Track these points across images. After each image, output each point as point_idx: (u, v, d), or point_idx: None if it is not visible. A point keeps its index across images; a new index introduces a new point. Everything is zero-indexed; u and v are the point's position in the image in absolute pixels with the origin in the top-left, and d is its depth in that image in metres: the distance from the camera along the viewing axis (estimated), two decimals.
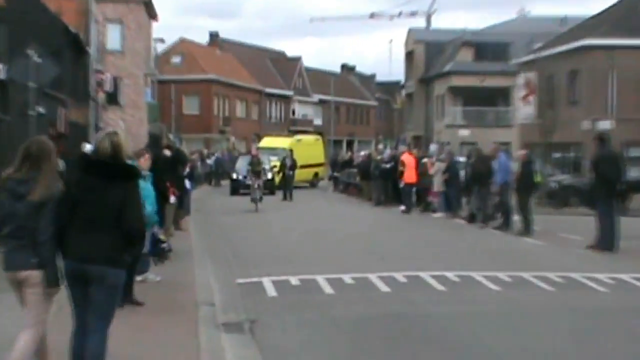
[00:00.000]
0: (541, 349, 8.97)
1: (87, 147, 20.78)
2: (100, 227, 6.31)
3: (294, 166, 38.43)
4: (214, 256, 16.45)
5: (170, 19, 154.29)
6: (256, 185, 29.46)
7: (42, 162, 6.54)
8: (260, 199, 29.32)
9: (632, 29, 38.45)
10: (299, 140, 49.69)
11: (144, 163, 11.33)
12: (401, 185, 29.14)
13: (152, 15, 56.53)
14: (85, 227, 6.33)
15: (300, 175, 41.76)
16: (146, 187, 10.47)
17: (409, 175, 28.65)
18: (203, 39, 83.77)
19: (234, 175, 42.15)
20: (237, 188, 40.32)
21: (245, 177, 39.19)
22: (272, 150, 45.03)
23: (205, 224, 22.83)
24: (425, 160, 28.87)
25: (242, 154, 52.03)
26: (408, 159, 29.38)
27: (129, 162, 6.83)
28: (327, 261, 15.84)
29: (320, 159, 51.65)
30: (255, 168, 30.29)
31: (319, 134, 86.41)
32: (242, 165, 41.26)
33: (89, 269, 6.32)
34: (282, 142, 49.03)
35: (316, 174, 50.21)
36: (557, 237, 20.39)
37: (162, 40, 61.50)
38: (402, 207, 28.54)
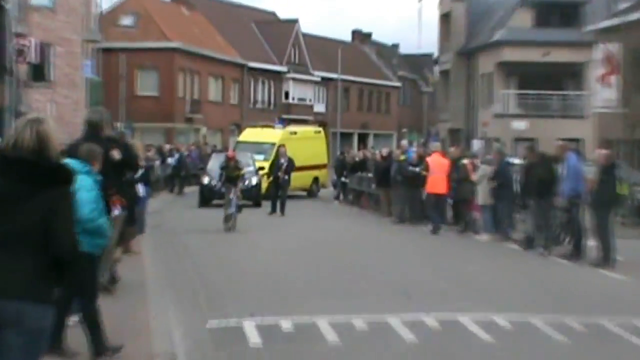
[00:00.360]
0: None
1: None
2: (18, 250, 6.22)
3: (290, 168, 37.79)
4: (176, 289, 16.42)
5: None
6: (231, 196, 28.59)
7: None
8: (240, 209, 28.92)
9: None
10: (293, 133, 49.47)
11: (96, 168, 11.38)
12: (424, 195, 29.17)
13: None
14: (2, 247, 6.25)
15: (294, 180, 41.49)
16: (95, 190, 10.74)
17: (435, 184, 28.52)
18: None
19: (205, 180, 41.30)
20: (209, 197, 39.87)
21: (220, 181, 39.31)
22: (257, 146, 44.85)
23: (165, 246, 22.77)
24: (465, 161, 28.77)
25: (217, 151, 51.84)
26: (435, 160, 29.17)
27: (64, 161, 6.75)
28: (332, 298, 15.80)
29: (322, 158, 51.56)
30: (231, 173, 29.58)
31: (322, 124, 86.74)
32: (215, 166, 40.03)
33: (2, 307, 6.21)
34: (270, 135, 48.78)
35: (316, 179, 49.98)
36: None
37: None
38: (430, 226, 28.59)
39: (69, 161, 10.97)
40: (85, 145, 12.47)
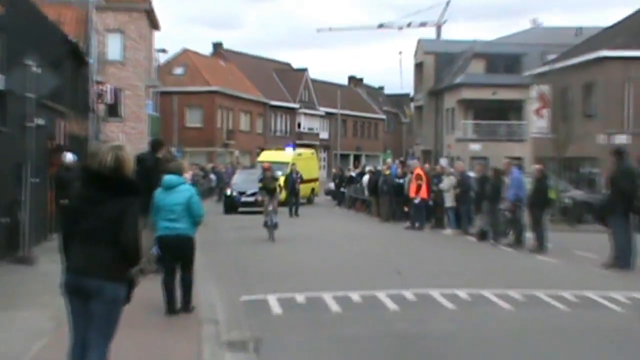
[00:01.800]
0: None
1: (68, 157, 20.76)
2: (100, 241, 6.34)
3: (301, 180, 38.26)
4: (216, 273, 16.47)
5: (171, 29, 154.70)
6: (270, 207, 24.44)
7: None
8: (276, 225, 24.23)
9: None
10: (299, 155, 49.41)
11: (189, 177, 12.51)
12: (417, 201, 28.46)
13: (154, 24, 56.64)
14: (86, 239, 6.38)
15: (300, 190, 41.49)
16: (192, 191, 11.79)
17: (425, 191, 28.43)
18: (205, 49, 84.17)
19: (228, 192, 40.30)
20: (232, 205, 38.80)
21: (241, 193, 38.57)
22: (274, 165, 44.69)
23: (208, 241, 22.78)
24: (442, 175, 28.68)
25: (245, 168, 51.68)
26: (419, 173, 29.19)
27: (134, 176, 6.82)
28: (334, 278, 15.83)
29: (316, 173, 51.43)
30: (269, 185, 25.24)
31: (326, 148, 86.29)
32: (238, 180, 40.52)
33: (87, 283, 6.35)
34: (283, 156, 48.64)
35: (312, 190, 49.91)
36: (572, 255, 20.36)
37: (164, 51, 61.62)
38: (408, 224, 28.59)
39: (171, 177, 11.54)
40: (175, 161, 13.01)
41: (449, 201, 26.95)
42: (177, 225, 11.46)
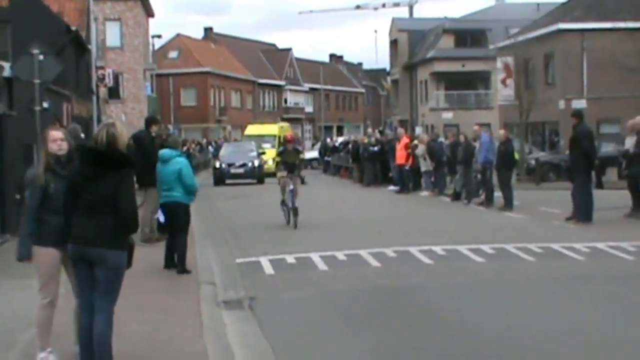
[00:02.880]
0: (524, 318, 9.00)
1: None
2: (99, 212, 6.30)
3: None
4: (213, 238, 16.45)
5: (165, 17, 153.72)
6: (291, 186, 18.14)
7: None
8: (296, 211, 17.95)
9: (602, 13, 38.48)
10: (281, 127, 48.81)
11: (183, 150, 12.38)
12: (407, 167, 27.83)
13: (148, 12, 56.31)
14: (87, 212, 6.34)
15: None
16: (183, 164, 11.92)
17: (401, 158, 28.21)
18: (197, 34, 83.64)
19: (217, 164, 37.46)
20: (221, 177, 36.19)
21: (230, 165, 36.37)
22: (262, 138, 43.89)
23: (204, 208, 22.74)
24: (415, 142, 28.59)
25: (227, 141, 50.52)
26: (403, 141, 28.91)
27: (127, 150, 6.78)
28: (321, 239, 15.82)
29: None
30: (289, 158, 18.84)
31: (311, 120, 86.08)
32: (226, 153, 38.38)
33: (90, 252, 6.33)
34: (269, 129, 48.05)
35: None
36: (537, 211, 20.40)
37: (159, 36, 61.18)
38: (396, 188, 28.47)
39: (164, 150, 11.75)
40: (172, 136, 13.13)
41: (424, 165, 26.94)
42: (173, 194, 11.88)
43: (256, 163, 36.82)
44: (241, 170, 36.41)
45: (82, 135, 14.86)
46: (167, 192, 11.91)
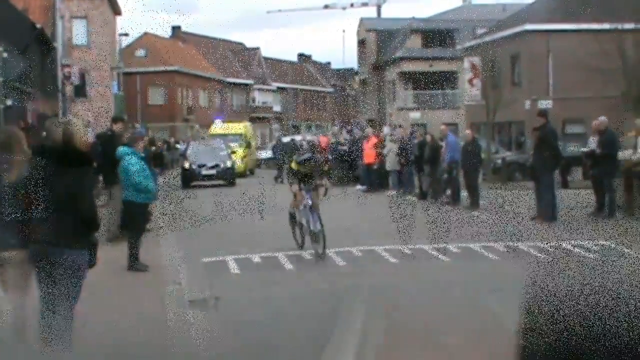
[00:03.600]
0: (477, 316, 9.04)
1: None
2: (59, 210, 6.22)
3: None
4: (179, 237, 16.31)
5: (132, 15, 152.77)
6: (309, 201, 13.75)
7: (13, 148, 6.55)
8: (321, 234, 13.22)
9: (568, 14, 38.84)
10: (245, 126, 48.16)
11: (141, 147, 12.50)
12: (375, 167, 27.99)
13: (116, 10, 55.89)
14: (47, 211, 6.25)
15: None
16: (137, 163, 11.94)
17: (369, 156, 28.26)
18: (165, 33, 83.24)
19: (186, 164, 34.09)
20: (191, 179, 33.43)
21: (200, 166, 33.54)
22: (225, 137, 41.22)
23: (171, 208, 22.57)
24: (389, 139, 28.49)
25: (197, 140, 49.30)
26: (372, 140, 28.92)
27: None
28: (287, 239, 15.74)
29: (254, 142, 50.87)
30: (309, 169, 14.21)
31: (279, 119, 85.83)
32: (194, 152, 35.08)
33: (50, 251, 6.24)
34: (234, 127, 47.23)
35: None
36: (503, 210, 20.51)
37: (126, 35, 60.90)
38: (363, 187, 28.46)
39: (120, 148, 11.78)
40: (132, 134, 13.21)
41: (391, 165, 26.96)
42: (126, 192, 12.18)
43: (228, 164, 34.29)
44: (213, 172, 33.79)
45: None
46: (124, 190, 12.21)
